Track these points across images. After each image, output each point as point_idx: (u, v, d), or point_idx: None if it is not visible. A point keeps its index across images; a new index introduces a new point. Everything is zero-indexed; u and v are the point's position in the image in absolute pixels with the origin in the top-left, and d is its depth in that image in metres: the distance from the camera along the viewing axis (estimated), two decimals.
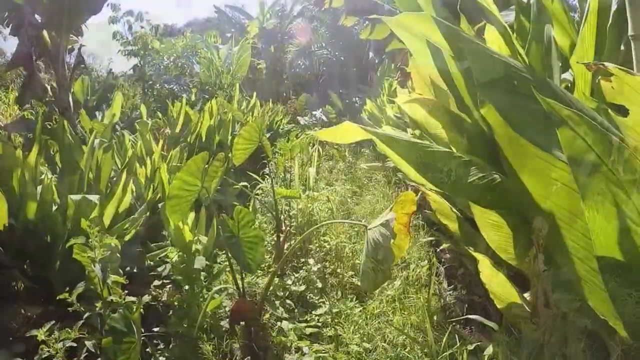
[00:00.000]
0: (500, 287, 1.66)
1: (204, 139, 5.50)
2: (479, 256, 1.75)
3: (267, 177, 6.28)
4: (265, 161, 6.87)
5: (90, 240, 1.88)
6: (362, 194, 6.02)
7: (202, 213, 3.50)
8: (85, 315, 2.03)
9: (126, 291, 2.10)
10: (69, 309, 2.09)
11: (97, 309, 1.96)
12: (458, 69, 2.05)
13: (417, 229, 4.46)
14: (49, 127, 4.90)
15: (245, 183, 6.67)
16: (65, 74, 6.97)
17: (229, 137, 5.90)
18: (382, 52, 5.24)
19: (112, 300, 1.98)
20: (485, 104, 1.58)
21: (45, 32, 6.96)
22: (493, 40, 2.09)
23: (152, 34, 10.77)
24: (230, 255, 2.33)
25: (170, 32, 21.14)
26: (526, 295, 1.83)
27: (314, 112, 9.00)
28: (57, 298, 2.16)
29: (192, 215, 3.35)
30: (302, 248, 4.14)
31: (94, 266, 1.81)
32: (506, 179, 1.71)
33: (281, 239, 3.89)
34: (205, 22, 27.10)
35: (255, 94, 9.14)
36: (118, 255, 2.28)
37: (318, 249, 4.09)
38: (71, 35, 7.54)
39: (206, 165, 2.46)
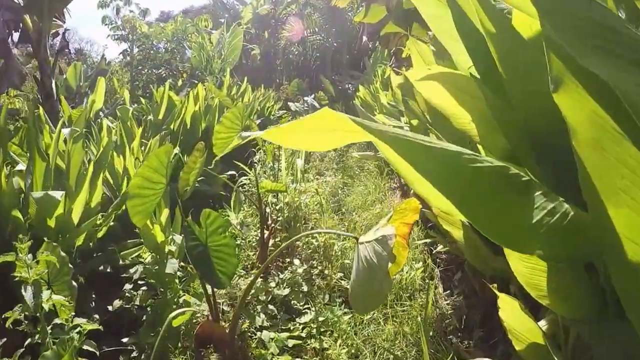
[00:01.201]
0: (525, 331, 1.29)
1: (188, 126, 5.12)
2: (502, 296, 1.34)
3: (255, 165, 5.94)
4: (254, 149, 6.53)
5: (20, 256, 1.53)
6: (354, 184, 5.67)
7: (178, 210, 3.14)
8: (27, 342, 1.68)
9: (73, 314, 1.74)
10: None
11: (36, 337, 1.62)
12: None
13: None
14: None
15: (233, 172, 6.34)
16: (47, 59, 6.53)
17: (215, 124, 5.52)
18: (376, 37, 4.83)
19: (56, 324, 1.63)
20: (563, 85, 0.79)
21: (27, 17, 6.53)
22: None
23: (141, 17, 10.29)
24: (195, 268, 1.96)
25: (167, 19, 20.59)
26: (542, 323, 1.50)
27: (305, 98, 8.60)
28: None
29: (165, 212, 3.00)
30: (289, 245, 3.81)
31: (24, 289, 1.46)
32: (583, 213, 1.01)
33: (265, 235, 3.55)
34: (201, 9, 26.58)
35: (246, 79, 8.73)
36: (70, 266, 1.93)
37: (305, 246, 3.75)
38: (54, 19, 7.09)
39: (172, 159, 2.09)
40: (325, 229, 3.51)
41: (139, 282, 2.97)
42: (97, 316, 2.86)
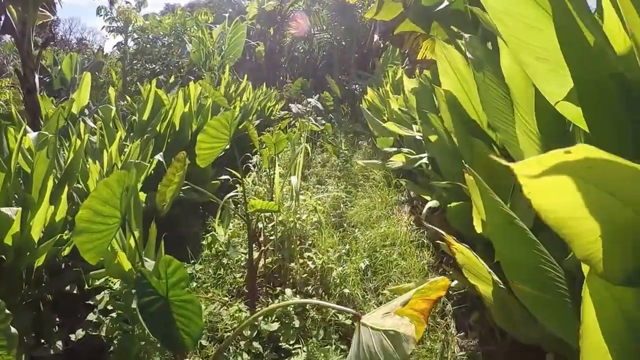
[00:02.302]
0: None
1: (177, 128, 4.76)
2: None
3: (251, 170, 5.57)
4: (250, 154, 6.18)
5: None
6: (357, 195, 5.30)
7: (153, 230, 2.78)
8: None
9: None
10: None
11: None
12: None
13: (420, 248, 3.76)
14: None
15: (226, 177, 5.98)
16: (31, 52, 6.17)
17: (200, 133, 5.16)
18: (389, 36, 4.42)
19: None
20: None
21: (11, 7, 6.19)
22: None
23: (137, 9, 9.92)
24: (150, 331, 1.58)
25: (172, 13, 20.28)
26: None
27: (308, 99, 8.24)
28: None
29: (136, 234, 2.64)
30: (282, 267, 3.45)
31: None
32: None
33: (255, 256, 3.19)
34: (207, 4, 26.29)
35: (246, 76, 8.38)
36: (7, 312, 1.58)
37: (300, 269, 3.39)
38: (41, 10, 6.74)
39: (126, 189, 1.72)
40: (325, 304, 3.14)
41: (108, 307, 2.67)
42: (60, 343, 2.59)
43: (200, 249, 4.10)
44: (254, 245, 3.89)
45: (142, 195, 3.67)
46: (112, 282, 2.81)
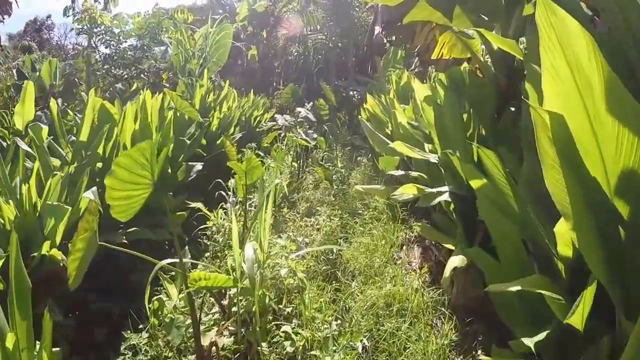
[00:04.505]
0: None
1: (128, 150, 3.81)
2: None
3: (227, 203, 4.60)
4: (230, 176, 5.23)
5: None
6: (355, 230, 4.35)
7: (47, 319, 1.83)
8: None
9: None
10: None
11: None
12: None
13: (439, 317, 2.82)
14: None
15: (199, 204, 5.03)
16: None
17: (170, 147, 4.22)
18: (396, 27, 3.46)
19: None
20: None
21: None
22: None
23: (101, 7, 8.95)
24: None
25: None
26: None
27: (298, 109, 7.30)
28: None
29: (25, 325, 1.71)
30: (249, 351, 2.50)
31: None
32: None
33: (206, 343, 2.24)
34: (203, 8, 25.48)
35: (227, 82, 7.46)
36: None
37: (272, 355, 2.45)
38: None
39: None
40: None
41: None
42: None
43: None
44: (217, 307, 2.96)
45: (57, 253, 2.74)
46: None
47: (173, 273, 3.10)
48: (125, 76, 8.42)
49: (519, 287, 1.28)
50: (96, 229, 1.88)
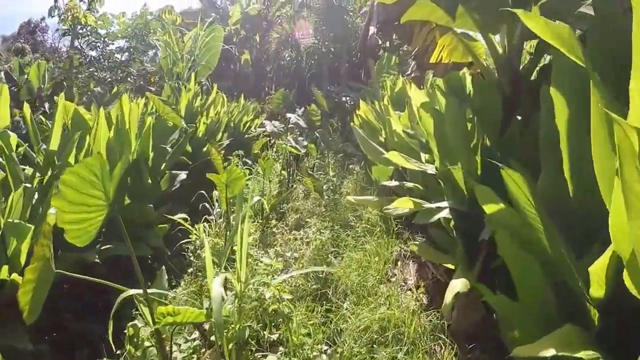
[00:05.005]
0: None
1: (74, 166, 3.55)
2: None
3: (211, 215, 4.35)
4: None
5: None
6: (347, 244, 4.12)
7: None
8: None
9: None
10: None
11: None
12: None
13: (436, 342, 2.59)
14: None
15: (183, 215, 4.80)
16: None
17: (150, 156, 3.98)
18: (391, 28, 3.23)
19: None
20: None
21: None
22: None
23: (86, 6, 8.64)
24: None
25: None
26: None
27: (288, 115, 7.07)
28: None
29: None
30: None
31: None
32: None
33: None
34: (197, 12, 25.28)
35: (215, 86, 7.22)
36: None
37: None
38: None
39: None
40: None
41: None
42: None
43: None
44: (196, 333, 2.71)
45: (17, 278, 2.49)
46: None
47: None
48: (109, 79, 8.13)
49: (553, 352, 1.04)
50: (49, 256, 1.64)
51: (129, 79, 8.60)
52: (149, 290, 1.91)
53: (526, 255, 1.41)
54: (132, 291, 1.93)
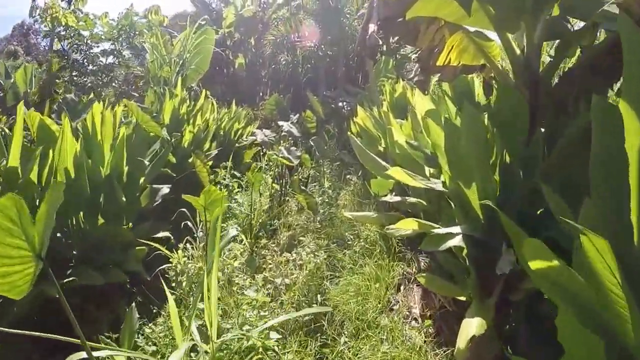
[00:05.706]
0: None
1: (72, 177, 3.21)
2: None
3: (192, 238, 3.99)
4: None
5: None
6: (344, 265, 3.78)
7: None
8: None
9: None
10: None
11: None
12: None
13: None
14: None
15: (165, 234, 4.48)
16: None
17: (124, 170, 3.64)
18: (392, 26, 2.90)
19: None
20: None
21: None
22: None
23: (66, 6, 8.27)
24: None
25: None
26: None
27: (280, 123, 6.75)
28: None
29: None
30: None
31: None
32: None
33: None
34: (192, 16, 24.99)
35: (204, 92, 6.89)
36: None
37: None
38: None
39: None
40: None
41: None
42: None
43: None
44: None
45: None
46: None
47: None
48: (89, 84, 7.77)
49: None
50: None
51: (113, 83, 8.25)
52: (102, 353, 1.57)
53: (596, 342, 1.07)
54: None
